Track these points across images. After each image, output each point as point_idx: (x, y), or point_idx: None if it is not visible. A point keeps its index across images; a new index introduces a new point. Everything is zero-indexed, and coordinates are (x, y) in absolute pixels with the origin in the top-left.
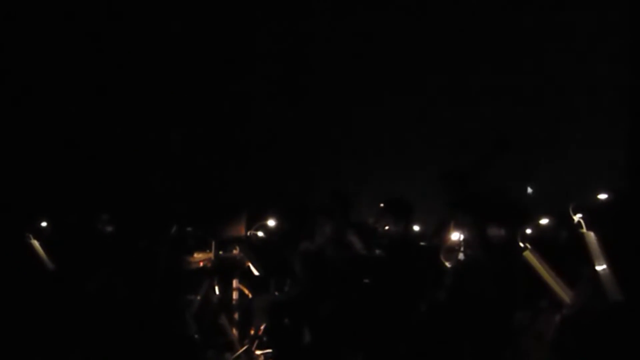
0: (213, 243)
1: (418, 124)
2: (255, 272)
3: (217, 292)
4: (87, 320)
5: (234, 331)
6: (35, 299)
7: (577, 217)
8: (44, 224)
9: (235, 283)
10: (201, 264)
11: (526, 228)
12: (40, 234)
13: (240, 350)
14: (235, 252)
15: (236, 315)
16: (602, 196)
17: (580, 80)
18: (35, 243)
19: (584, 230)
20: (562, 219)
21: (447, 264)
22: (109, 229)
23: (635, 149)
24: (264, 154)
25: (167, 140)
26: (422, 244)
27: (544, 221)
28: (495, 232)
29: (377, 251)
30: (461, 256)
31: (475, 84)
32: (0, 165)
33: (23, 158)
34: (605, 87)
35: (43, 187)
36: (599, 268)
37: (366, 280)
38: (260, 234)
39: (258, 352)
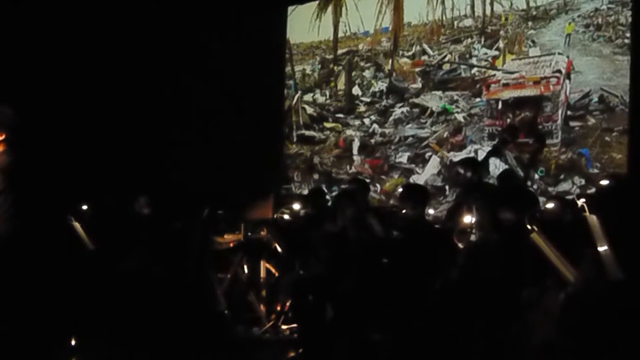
0: (242, 225)
1: None
2: (281, 252)
3: (245, 270)
4: (124, 296)
5: (262, 307)
6: (76, 276)
7: (581, 202)
8: (84, 207)
9: (262, 262)
10: (231, 245)
11: (534, 212)
12: (81, 216)
13: (267, 325)
14: (262, 233)
15: (263, 292)
16: (604, 182)
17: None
18: (77, 225)
19: (587, 213)
20: (566, 204)
21: (460, 245)
22: (146, 211)
23: (635, 137)
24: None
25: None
26: (436, 226)
27: (550, 205)
28: (505, 215)
29: (395, 233)
30: (473, 238)
31: None
32: (44, 154)
33: (65, 147)
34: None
35: (83, 174)
36: (600, 249)
37: (384, 260)
38: (286, 216)
39: (284, 327)
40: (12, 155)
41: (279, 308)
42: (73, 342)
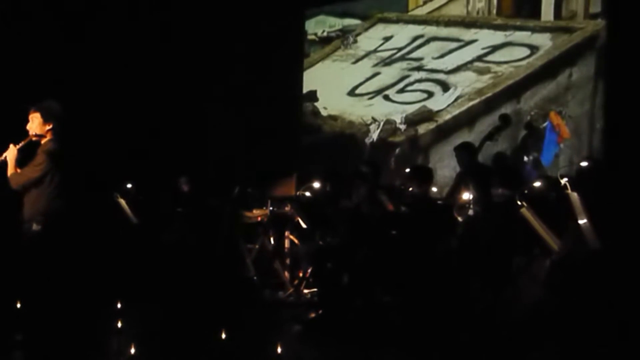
0: (269, 201)
1: None
2: (303, 225)
3: (272, 241)
4: (164, 264)
5: (286, 274)
6: (120, 247)
7: (564, 181)
8: (129, 185)
9: (286, 234)
10: (259, 219)
11: (523, 190)
12: (126, 194)
13: (291, 290)
14: (287, 208)
15: (287, 261)
16: (584, 164)
17: None
18: (122, 201)
19: (569, 191)
20: (551, 182)
21: (459, 219)
22: (186, 189)
23: (610, 122)
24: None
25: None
26: (439, 202)
27: (537, 184)
28: (498, 192)
29: (403, 208)
30: (470, 212)
31: None
32: (94, 138)
33: (113, 132)
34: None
35: (129, 156)
36: (581, 222)
37: (394, 232)
38: (307, 194)
39: (305, 291)
40: (58, 142)
41: (301, 274)
42: (119, 305)
